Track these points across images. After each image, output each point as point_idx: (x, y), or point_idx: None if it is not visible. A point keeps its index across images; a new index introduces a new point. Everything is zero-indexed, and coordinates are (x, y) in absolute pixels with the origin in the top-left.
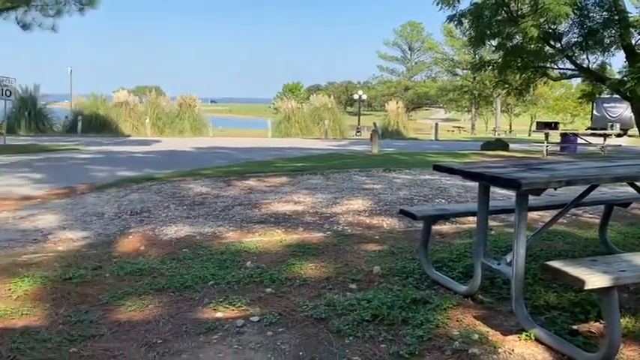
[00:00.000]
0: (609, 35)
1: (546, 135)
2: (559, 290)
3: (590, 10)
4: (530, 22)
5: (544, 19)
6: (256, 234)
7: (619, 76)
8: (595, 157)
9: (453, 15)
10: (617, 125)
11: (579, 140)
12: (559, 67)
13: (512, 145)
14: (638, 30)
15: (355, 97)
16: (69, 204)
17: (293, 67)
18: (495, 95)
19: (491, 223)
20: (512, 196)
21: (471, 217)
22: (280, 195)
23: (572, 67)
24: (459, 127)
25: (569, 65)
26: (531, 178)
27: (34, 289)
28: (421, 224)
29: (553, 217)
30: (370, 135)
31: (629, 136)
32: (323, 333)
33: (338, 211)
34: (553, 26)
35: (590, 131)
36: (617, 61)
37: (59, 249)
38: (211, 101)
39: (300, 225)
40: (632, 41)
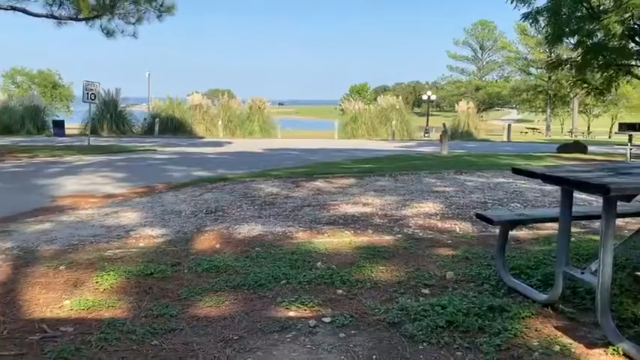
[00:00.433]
0: None
1: (630, 137)
2: None
3: None
4: (614, 18)
5: (629, 14)
6: (325, 235)
7: None
8: None
9: (528, 12)
10: None
11: None
12: None
13: (590, 148)
14: None
15: (424, 97)
16: (149, 202)
17: (360, 68)
18: (573, 95)
19: (572, 229)
20: (594, 202)
21: (549, 223)
22: (348, 196)
23: None
24: (532, 129)
25: None
26: (622, 183)
27: (118, 282)
28: (497, 229)
29: None
30: (440, 136)
31: None
32: (396, 338)
33: (408, 214)
34: (639, 22)
35: None
36: None
37: (141, 245)
38: (279, 104)
39: (370, 227)
40: None
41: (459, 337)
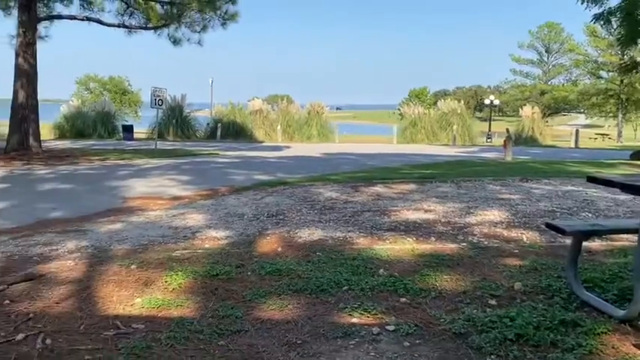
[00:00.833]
0: None
1: None
2: None
3: None
4: None
5: None
6: (387, 241)
7: None
8: None
9: (600, 13)
10: None
11: None
12: None
13: None
14: None
15: (486, 102)
16: (212, 205)
17: (418, 72)
18: None
19: None
20: None
21: (626, 234)
22: (409, 202)
23: None
24: (602, 135)
25: None
26: None
27: (186, 282)
28: (568, 240)
29: None
30: (504, 142)
31: None
32: (462, 349)
33: (472, 222)
34: None
35: None
36: None
37: (206, 246)
38: (337, 108)
39: (432, 234)
40: None
41: (529, 351)
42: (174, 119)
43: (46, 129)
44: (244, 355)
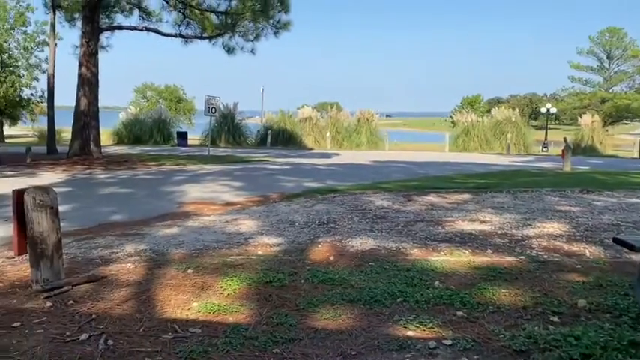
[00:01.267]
0: None
1: None
2: None
3: None
4: None
5: None
6: (442, 253)
7: None
8: None
9: None
10: None
11: None
12: None
13: None
14: None
15: (542, 110)
16: (264, 211)
17: (471, 79)
18: None
19: None
20: None
21: None
22: (464, 213)
23: None
24: None
25: None
26: None
27: (240, 288)
28: (636, 256)
29: None
30: (562, 151)
31: None
32: None
33: (530, 234)
34: None
35: None
36: None
37: (259, 253)
38: (386, 116)
39: (489, 246)
40: None
41: None
42: (226, 126)
43: (106, 135)
44: None
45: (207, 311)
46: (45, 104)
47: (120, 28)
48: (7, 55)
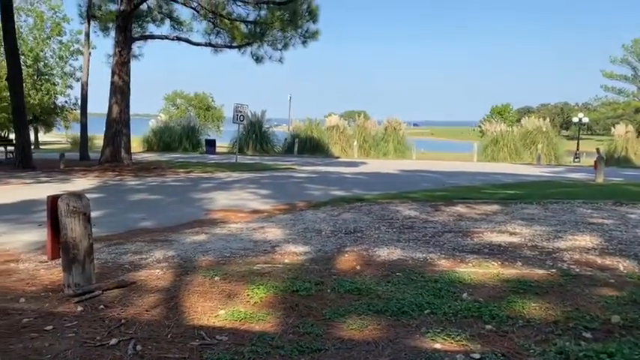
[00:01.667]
0: None
1: None
2: None
3: None
4: None
5: None
6: (470, 264)
7: None
8: None
9: None
10: None
11: None
12: None
13: None
14: None
15: (574, 120)
16: (291, 219)
17: (500, 89)
18: None
19: None
20: None
21: None
22: (493, 224)
23: None
24: None
25: None
26: None
27: (267, 297)
28: None
29: None
30: (594, 162)
31: None
32: None
33: (561, 247)
34: None
35: None
36: None
37: (285, 261)
38: (414, 124)
39: (518, 259)
40: None
41: None
42: (253, 134)
43: (136, 142)
44: None
45: (233, 319)
46: (78, 111)
47: (152, 37)
48: (42, 64)
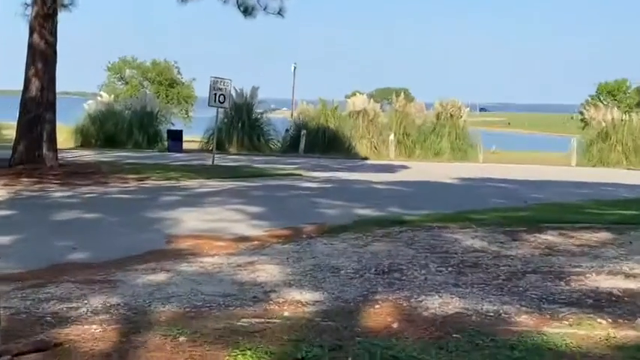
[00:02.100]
0: None
1: None
2: None
3: None
4: None
5: None
6: (564, 322)
7: None
8: None
9: None
10: None
11: None
12: None
13: None
14: None
15: None
16: (294, 251)
17: (610, 57)
18: None
19: None
20: None
21: None
22: (600, 261)
23: None
24: None
25: None
26: None
27: None
28: None
29: None
30: None
31: None
32: None
33: None
34: None
35: None
36: None
37: (285, 314)
38: (480, 109)
39: (639, 314)
40: None
41: None
42: (239, 123)
43: (65, 133)
44: None
45: None
46: None
47: None
48: None
